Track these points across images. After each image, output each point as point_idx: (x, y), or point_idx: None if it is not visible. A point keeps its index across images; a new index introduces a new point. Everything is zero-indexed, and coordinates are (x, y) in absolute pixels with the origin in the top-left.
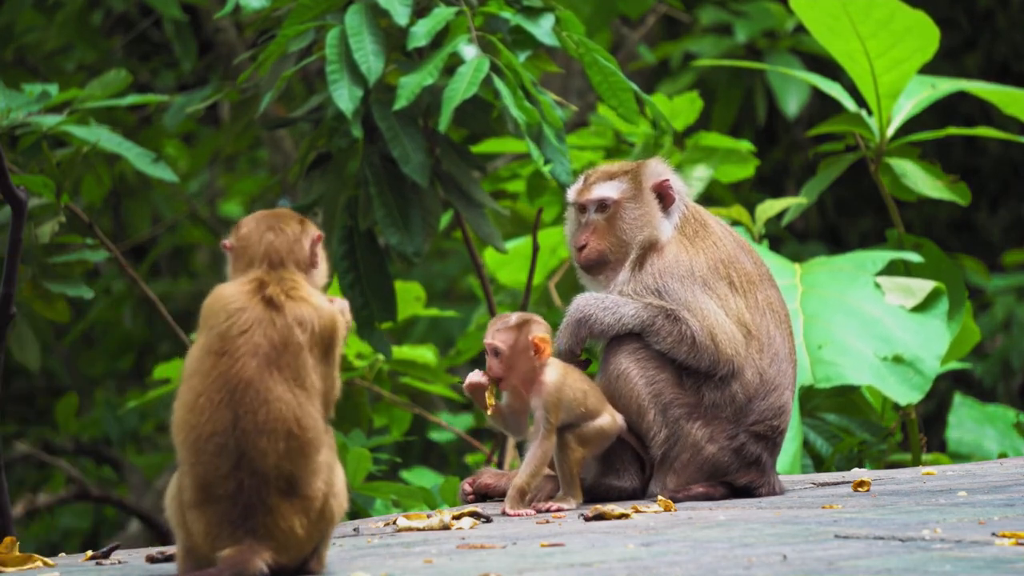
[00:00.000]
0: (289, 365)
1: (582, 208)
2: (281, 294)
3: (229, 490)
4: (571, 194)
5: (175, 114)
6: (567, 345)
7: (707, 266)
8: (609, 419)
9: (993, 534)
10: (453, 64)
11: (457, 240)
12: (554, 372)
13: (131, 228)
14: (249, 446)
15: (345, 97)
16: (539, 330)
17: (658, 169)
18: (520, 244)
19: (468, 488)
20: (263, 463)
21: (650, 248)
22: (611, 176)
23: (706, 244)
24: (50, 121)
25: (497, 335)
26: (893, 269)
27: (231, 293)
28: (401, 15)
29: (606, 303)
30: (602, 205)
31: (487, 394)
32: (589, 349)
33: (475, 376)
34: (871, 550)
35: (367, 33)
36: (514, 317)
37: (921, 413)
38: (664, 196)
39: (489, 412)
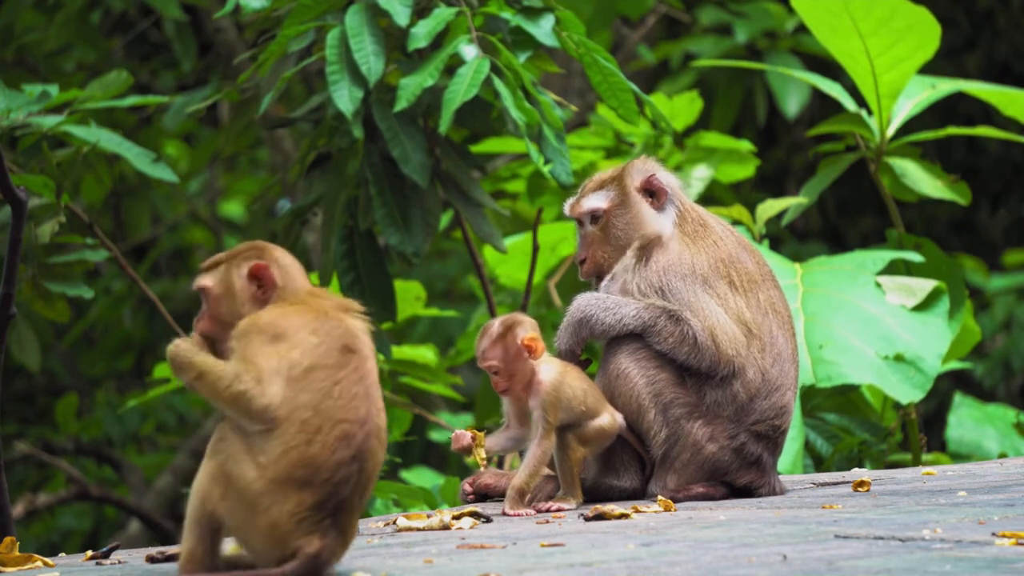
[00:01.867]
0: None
1: (579, 222)
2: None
3: (338, 478)
4: (566, 209)
5: (175, 114)
6: (568, 345)
7: (708, 265)
8: (609, 418)
9: (993, 534)
10: (453, 64)
11: (457, 240)
12: (551, 372)
13: (131, 228)
14: (367, 444)
15: (345, 98)
16: (524, 331)
17: (643, 167)
18: (519, 241)
19: (468, 488)
20: (371, 463)
21: (652, 244)
22: (599, 185)
23: (707, 243)
24: (50, 121)
25: (487, 353)
26: (893, 269)
27: (302, 310)
28: (401, 16)
29: (607, 303)
30: (593, 217)
31: (476, 454)
32: (590, 349)
33: (462, 439)
34: (871, 550)
35: (367, 34)
36: (495, 326)
37: (921, 413)
38: (655, 192)
39: (482, 468)
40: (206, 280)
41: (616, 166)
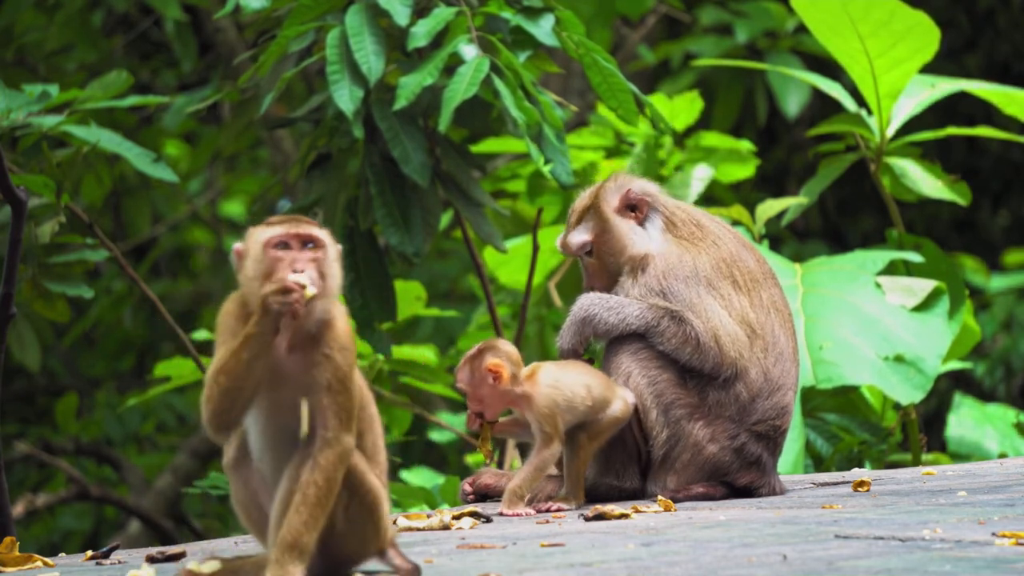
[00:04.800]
0: None
1: (574, 256)
2: None
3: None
4: (559, 246)
5: (175, 114)
6: (570, 344)
7: (710, 266)
8: (621, 404)
9: (993, 534)
10: (453, 64)
11: (457, 240)
12: (541, 384)
13: (131, 228)
14: None
15: (346, 97)
16: (491, 357)
17: (615, 186)
18: (520, 243)
19: (468, 488)
20: None
21: (643, 260)
22: (580, 217)
23: (706, 244)
24: (50, 121)
25: (457, 374)
26: (893, 269)
27: None
28: (401, 15)
29: (610, 303)
30: (585, 250)
31: (482, 446)
32: (593, 349)
33: (473, 423)
34: (871, 550)
35: (367, 33)
36: (472, 349)
37: (921, 413)
38: (636, 205)
39: (486, 457)
40: None
41: (591, 189)
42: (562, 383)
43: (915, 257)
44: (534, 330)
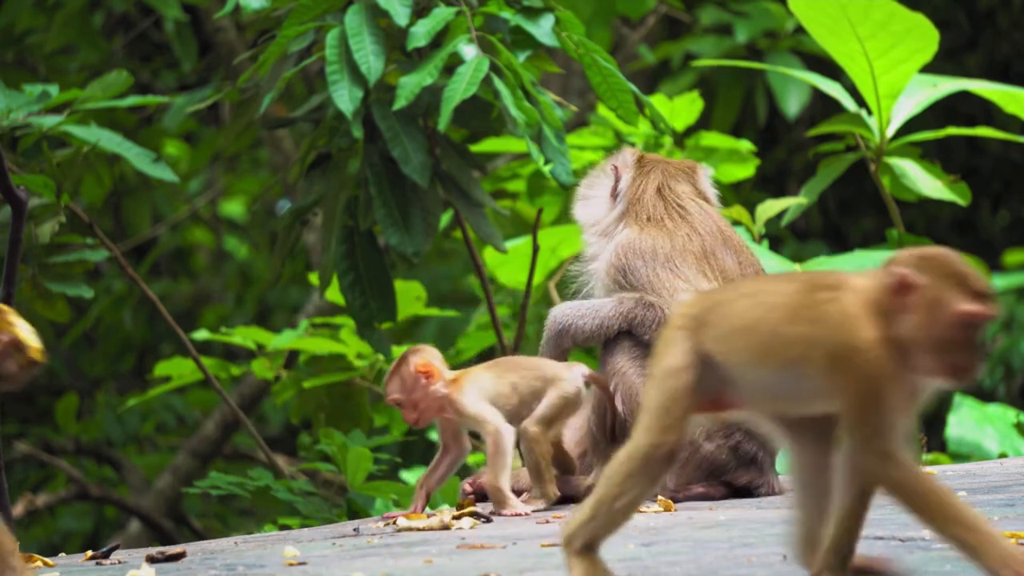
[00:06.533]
0: None
1: None
2: None
3: None
4: None
5: (175, 114)
6: (550, 357)
7: (671, 248)
8: (565, 385)
9: None
10: (453, 64)
11: (457, 240)
12: (465, 388)
13: (131, 228)
14: None
15: (345, 97)
16: (417, 358)
17: (620, 154)
18: (520, 243)
19: (468, 488)
20: None
21: (605, 227)
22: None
23: (679, 232)
24: (50, 121)
25: (387, 388)
26: None
27: None
28: (401, 15)
29: (582, 309)
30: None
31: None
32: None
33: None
34: (871, 550)
35: (367, 33)
36: (394, 363)
37: (921, 413)
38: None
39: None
40: None
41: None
42: (486, 386)
43: None
44: (534, 330)
